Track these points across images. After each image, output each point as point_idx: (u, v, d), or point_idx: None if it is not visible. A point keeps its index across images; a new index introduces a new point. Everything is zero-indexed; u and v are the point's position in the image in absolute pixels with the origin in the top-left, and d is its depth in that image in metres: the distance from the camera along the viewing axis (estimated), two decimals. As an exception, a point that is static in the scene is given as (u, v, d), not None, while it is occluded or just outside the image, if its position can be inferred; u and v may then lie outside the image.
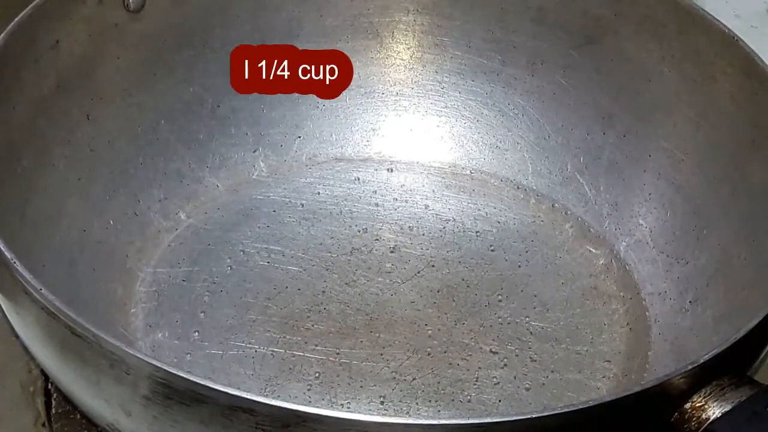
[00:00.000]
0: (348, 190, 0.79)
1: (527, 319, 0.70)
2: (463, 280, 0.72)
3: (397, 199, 0.78)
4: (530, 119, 0.83)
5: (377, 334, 0.69)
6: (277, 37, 0.82)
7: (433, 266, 0.74)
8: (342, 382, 0.66)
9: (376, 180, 0.80)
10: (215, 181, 0.79)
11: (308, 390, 0.65)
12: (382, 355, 0.67)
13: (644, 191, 0.78)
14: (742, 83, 0.71)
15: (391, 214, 0.77)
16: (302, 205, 0.78)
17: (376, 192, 0.79)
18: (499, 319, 0.70)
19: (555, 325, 0.70)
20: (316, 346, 0.68)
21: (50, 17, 0.70)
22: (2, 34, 0.67)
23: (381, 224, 0.77)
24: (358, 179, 0.80)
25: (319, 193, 0.79)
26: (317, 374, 0.66)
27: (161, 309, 0.70)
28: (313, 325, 0.69)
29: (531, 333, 0.69)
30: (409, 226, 0.77)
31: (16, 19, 0.68)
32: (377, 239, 0.75)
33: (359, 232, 0.76)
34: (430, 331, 0.69)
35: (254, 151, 0.81)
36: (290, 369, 0.66)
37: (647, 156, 0.78)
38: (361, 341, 0.68)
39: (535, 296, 0.72)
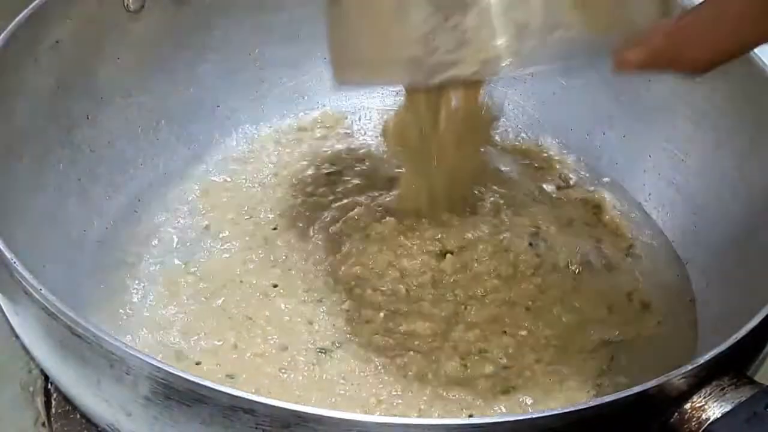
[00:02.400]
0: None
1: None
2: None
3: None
4: (530, 119, 0.83)
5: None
6: (277, 37, 0.83)
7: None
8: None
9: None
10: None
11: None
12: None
13: (644, 191, 0.78)
14: (742, 83, 0.71)
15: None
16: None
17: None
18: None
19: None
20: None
21: (50, 17, 0.70)
22: (3, 34, 0.67)
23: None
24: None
25: (319, 194, 0.79)
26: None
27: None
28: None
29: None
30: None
31: (17, 19, 0.68)
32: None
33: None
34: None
35: (255, 152, 0.81)
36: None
37: (647, 156, 0.78)
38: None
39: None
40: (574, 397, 0.65)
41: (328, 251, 0.73)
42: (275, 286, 0.71)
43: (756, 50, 0.70)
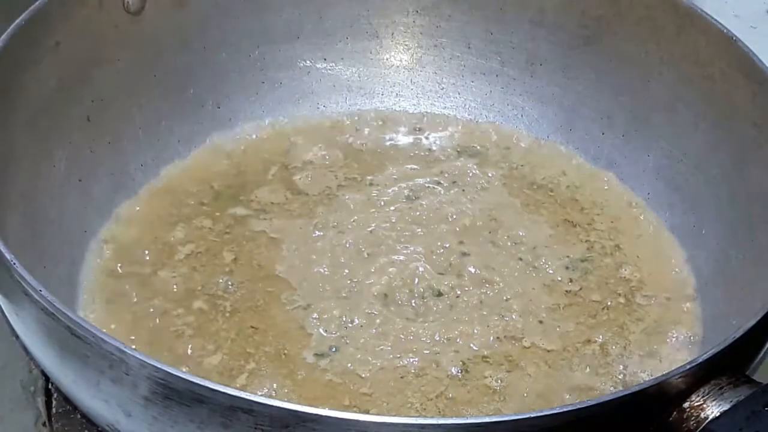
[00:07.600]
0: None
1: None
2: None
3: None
4: (529, 119, 0.83)
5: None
6: (277, 38, 0.83)
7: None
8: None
9: (378, 181, 0.80)
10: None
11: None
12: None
13: (644, 191, 0.78)
14: (741, 83, 0.71)
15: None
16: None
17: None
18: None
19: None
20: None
21: (50, 19, 0.70)
22: (3, 36, 0.67)
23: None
24: (358, 180, 0.80)
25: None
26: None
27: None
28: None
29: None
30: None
31: (17, 21, 0.68)
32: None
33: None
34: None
35: (254, 153, 0.81)
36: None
37: (646, 156, 0.78)
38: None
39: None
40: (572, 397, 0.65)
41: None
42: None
43: (755, 50, 0.71)
